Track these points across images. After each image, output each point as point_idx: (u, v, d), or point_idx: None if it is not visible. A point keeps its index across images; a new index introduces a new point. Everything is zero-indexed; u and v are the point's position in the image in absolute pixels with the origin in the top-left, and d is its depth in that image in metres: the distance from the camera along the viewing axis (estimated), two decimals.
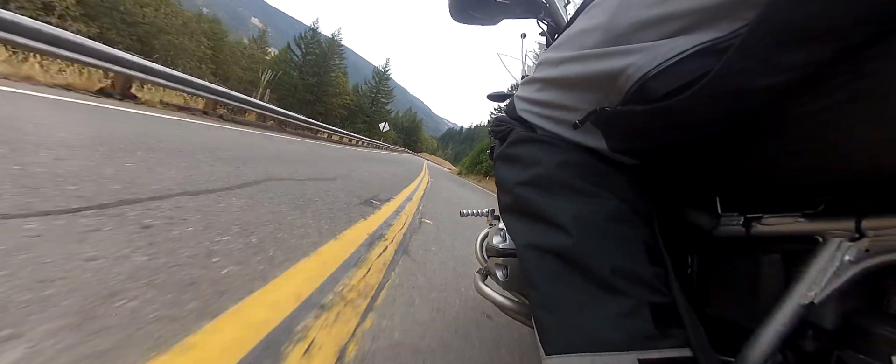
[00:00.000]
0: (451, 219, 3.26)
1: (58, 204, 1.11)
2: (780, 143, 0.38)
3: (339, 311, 1.03)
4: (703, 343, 0.39)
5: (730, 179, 0.47)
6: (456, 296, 1.46)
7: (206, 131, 4.37)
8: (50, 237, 0.92)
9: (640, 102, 0.39)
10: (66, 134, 2.01)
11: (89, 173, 1.47)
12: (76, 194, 1.22)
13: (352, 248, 1.63)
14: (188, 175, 1.90)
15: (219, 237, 1.25)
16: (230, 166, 2.48)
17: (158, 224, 1.19)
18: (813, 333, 0.39)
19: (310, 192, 2.47)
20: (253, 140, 5.07)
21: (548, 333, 0.43)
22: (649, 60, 0.37)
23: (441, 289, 1.48)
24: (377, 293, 1.25)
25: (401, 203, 3.31)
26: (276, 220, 1.64)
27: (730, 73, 0.33)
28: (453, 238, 2.50)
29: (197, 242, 1.15)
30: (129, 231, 1.08)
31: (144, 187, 1.50)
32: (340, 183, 3.35)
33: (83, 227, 1.02)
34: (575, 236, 0.43)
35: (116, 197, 1.31)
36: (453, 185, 9.83)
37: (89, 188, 1.31)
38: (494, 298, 0.72)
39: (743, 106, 0.36)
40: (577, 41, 0.48)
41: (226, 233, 1.30)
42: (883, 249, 0.34)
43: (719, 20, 0.34)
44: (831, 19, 0.29)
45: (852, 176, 0.35)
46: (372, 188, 3.65)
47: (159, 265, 0.95)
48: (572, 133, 0.49)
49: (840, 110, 0.32)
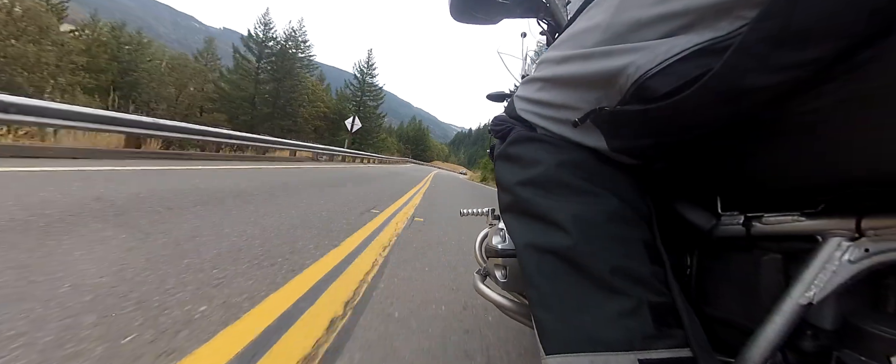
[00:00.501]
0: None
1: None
2: (781, 142, 0.38)
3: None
4: (702, 343, 0.39)
5: (730, 179, 0.47)
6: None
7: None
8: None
9: (639, 102, 0.39)
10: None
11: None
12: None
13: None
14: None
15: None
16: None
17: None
18: (812, 333, 0.39)
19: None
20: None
21: (547, 333, 0.43)
22: (649, 60, 0.37)
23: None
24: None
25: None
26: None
27: (729, 73, 0.33)
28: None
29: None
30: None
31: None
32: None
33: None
34: (574, 236, 0.43)
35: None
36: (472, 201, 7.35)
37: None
38: (494, 299, 0.72)
39: (743, 105, 0.35)
40: (577, 40, 0.48)
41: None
42: (883, 249, 0.34)
43: (719, 19, 0.34)
44: (830, 20, 0.29)
45: (852, 175, 0.35)
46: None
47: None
48: (572, 132, 0.49)
49: (840, 110, 0.32)
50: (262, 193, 3.44)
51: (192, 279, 1.30)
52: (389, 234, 2.67)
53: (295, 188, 4.27)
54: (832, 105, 0.33)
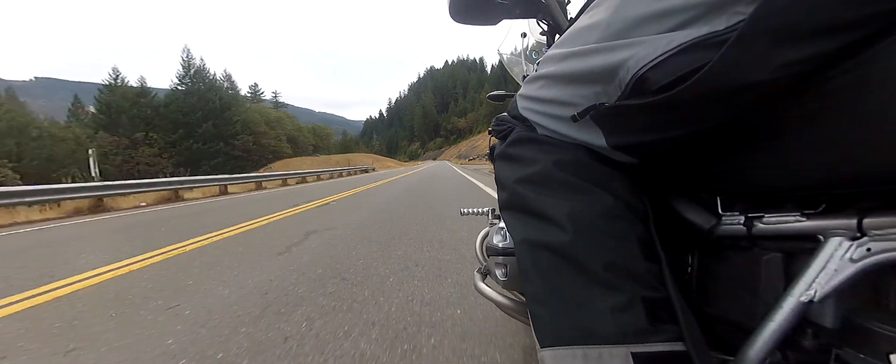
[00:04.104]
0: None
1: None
2: (781, 141, 0.38)
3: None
4: (696, 338, 0.40)
5: (730, 178, 0.47)
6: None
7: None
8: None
9: (639, 95, 0.40)
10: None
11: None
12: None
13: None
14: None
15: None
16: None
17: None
18: (812, 332, 0.39)
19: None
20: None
21: (542, 327, 0.43)
22: (649, 52, 0.38)
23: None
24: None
25: None
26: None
27: (726, 68, 0.33)
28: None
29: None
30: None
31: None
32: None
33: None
34: (570, 232, 0.44)
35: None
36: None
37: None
38: (494, 298, 0.72)
39: (741, 102, 0.35)
40: (579, 38, 0.48)
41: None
42: (885, 248, 0.34)
43: (718, 15, 0.34)
44: (829, 17, 0.29)
45: (854, 174, 0.34)
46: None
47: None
48: (572, 130, 0.50)
49: (841, 108, 0.32)
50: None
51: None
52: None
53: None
54: (833, 103, 0.33)
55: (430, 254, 2.63)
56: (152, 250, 3.19)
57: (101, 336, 1.55)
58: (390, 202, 6.26)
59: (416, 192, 8.03)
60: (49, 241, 4.17)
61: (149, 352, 1.38)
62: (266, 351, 1.33)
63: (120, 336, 1.54)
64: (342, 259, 2.59)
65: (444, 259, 2.47)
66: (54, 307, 1.95)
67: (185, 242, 3.48)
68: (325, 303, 1.78)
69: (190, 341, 1.45)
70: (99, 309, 1.88)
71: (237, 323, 1.60)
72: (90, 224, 5.70)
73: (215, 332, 1.52)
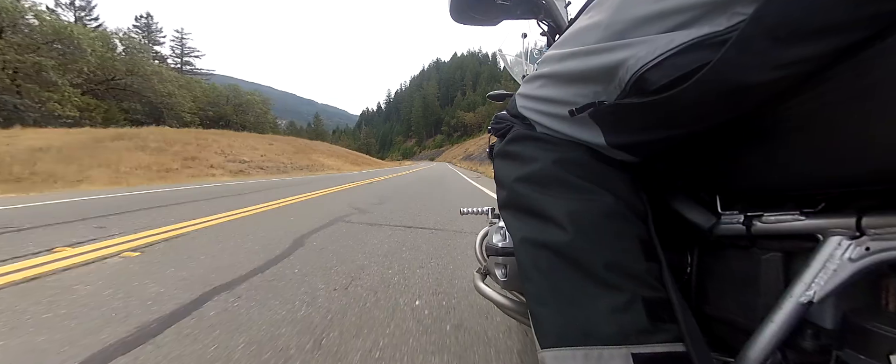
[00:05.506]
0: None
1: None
2: (781, 141, 0.38)
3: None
4: (696, 338, 0.39)
5: (729, 177, 0.47)
6: None
7: None
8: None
9: (638, 94, 0.40)
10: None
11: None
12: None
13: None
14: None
15: None
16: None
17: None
18: (812, 332, 0.39)
19: None
20: None
21: (542, 327, 0.43)
22: (649, 52, 0.38)
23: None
24: None
25: None
26: None
27: (726, 68, 0.33)
28: None
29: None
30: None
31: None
32: None
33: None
34: (570, 232, 0.44)
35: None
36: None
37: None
38: (494, 297, 0.72)
39: (741, 101, 0.35)
40: (579, 38, 0.48)
41: None
42: (884, 248, 0.34)
43: (718, 15, 0.34)
44: (829, 17, 0.29)
45: (853, 174, 0.34)
46: None
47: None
48: (570, 128, 0.50)
49: (841, 108, 0.32)
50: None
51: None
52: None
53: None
54: (833, 103, 0.33)
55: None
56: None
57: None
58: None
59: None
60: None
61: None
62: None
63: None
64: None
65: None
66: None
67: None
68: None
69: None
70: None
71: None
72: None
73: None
